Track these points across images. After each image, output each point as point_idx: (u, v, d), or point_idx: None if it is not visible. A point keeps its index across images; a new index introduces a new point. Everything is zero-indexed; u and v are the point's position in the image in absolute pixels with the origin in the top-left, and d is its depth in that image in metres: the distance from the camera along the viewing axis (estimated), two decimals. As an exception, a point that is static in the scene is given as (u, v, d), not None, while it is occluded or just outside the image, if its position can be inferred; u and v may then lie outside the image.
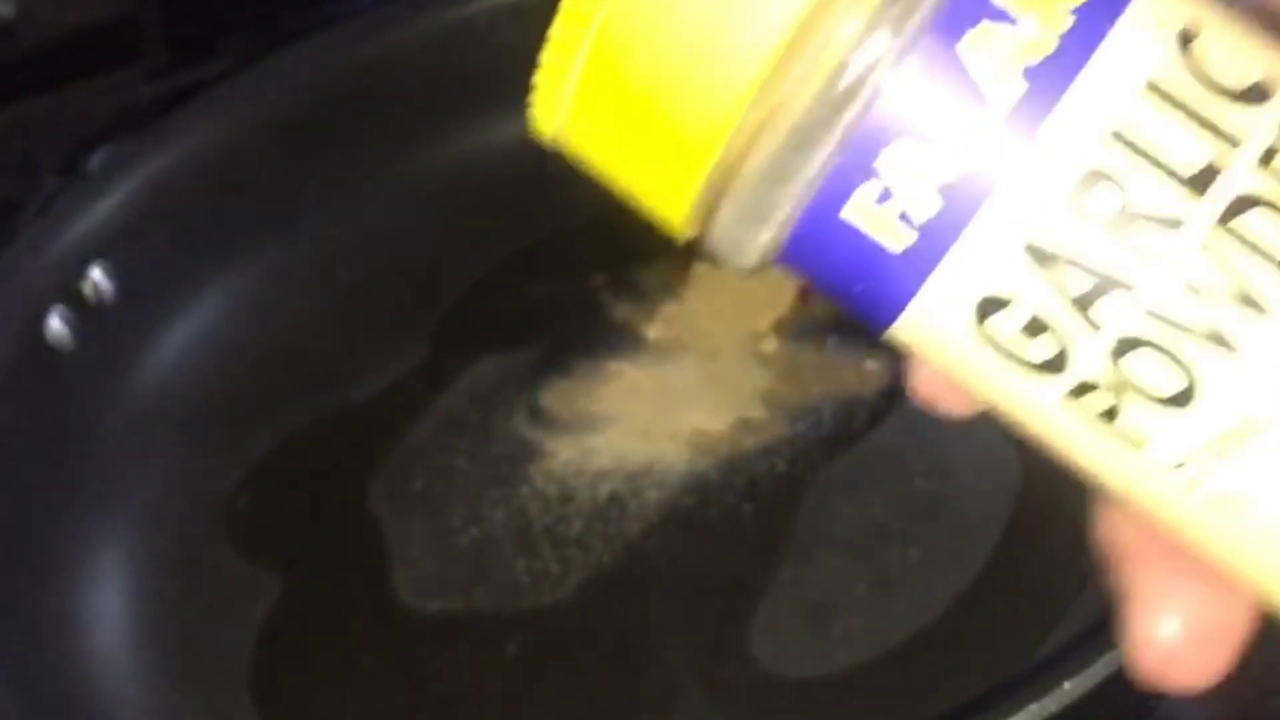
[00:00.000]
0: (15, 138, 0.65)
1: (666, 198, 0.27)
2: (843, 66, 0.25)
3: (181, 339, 0.60)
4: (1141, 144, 0.25)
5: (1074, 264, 0.25)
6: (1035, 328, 0.25)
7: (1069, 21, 0.25)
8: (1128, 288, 0.25)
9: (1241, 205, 0.24)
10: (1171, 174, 0.24)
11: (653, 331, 0.60)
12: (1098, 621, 0.42)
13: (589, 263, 0.62)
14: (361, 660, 0.52)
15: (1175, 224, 0.24)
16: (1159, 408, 0.25)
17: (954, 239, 0.25)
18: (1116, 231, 0.24)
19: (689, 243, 0.28)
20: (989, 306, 0.25)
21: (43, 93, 0.67)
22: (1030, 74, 0.25)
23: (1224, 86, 0.25)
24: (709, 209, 0.27)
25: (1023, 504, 0.52)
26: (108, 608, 0.54)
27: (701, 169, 0.26)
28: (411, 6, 0.67)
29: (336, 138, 0.65)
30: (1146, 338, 0.25)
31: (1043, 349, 0.25)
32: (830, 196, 0.25)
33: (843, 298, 0.26)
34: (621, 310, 0.61)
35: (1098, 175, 0.25)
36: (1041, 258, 0.25)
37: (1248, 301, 0.24)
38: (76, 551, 0.55)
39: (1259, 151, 0.25)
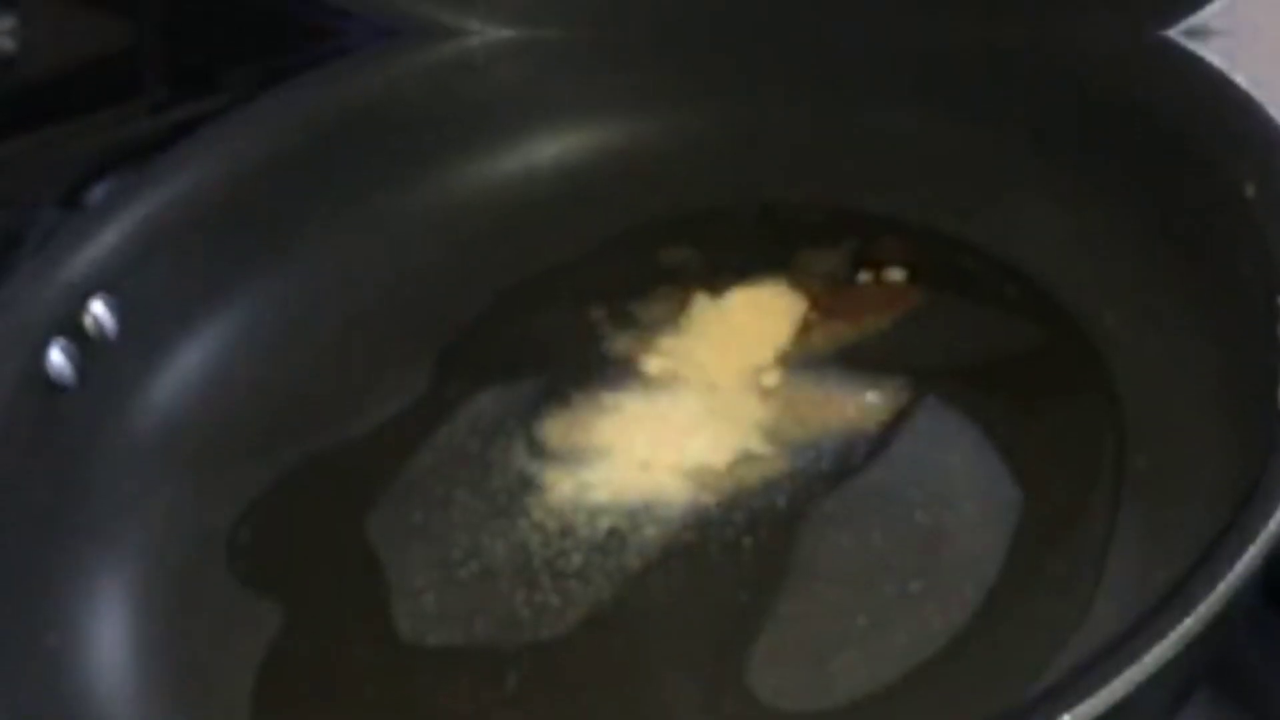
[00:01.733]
0: (16, 171, 0.66)
1: None
2: None
3: (183, 371, 0.61)
4: None
5: None
6: None
7: None
8: None
9: None
10: None
11: (652, 365, 0.60)
12: (1097, 655, 0.42)
13: (588, 296, 0.62)
14: (361, 693, 0.52)
15: None
16: None
17: None
18: None
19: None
20: None
21: (44, 126, 0.67)
22: None
23: None
24: None
25: (1022, 537, 0.52)
26: (108, 642, 0.54)
27: None
28: (410, 42, 0.68)
29: (336, 172, 0.65)
30: None
31: None
32: None
33: None
34: (621, 343, 0.61)
35: None
36: None
37: None
38: (76, 585, 0.55)
39: None
